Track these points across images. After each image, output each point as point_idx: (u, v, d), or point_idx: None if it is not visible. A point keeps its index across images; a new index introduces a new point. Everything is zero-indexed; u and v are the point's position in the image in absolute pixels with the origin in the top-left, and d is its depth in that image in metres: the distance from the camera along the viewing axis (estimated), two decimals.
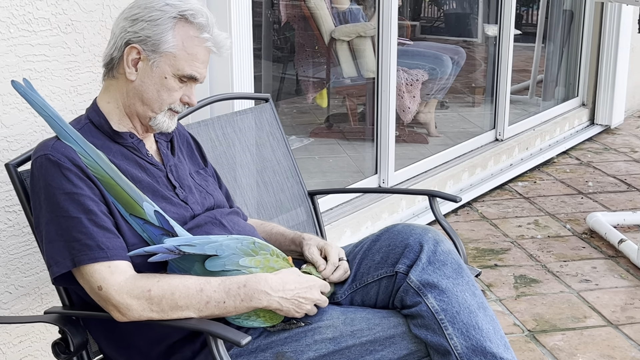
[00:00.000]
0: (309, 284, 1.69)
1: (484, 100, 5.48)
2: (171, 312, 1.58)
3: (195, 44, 1.73)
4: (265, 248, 1.72)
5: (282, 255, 1.76)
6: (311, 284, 1.69)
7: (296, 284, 1.66)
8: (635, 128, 5.95)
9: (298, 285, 1.67)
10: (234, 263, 1.64)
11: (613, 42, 5.55)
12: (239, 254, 1.66)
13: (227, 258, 1.64)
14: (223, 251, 1.64)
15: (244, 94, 2.55)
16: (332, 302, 1.80)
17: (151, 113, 1.75)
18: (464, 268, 1.71)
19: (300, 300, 1.66)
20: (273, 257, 1.71)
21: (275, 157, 2.45)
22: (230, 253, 1.65)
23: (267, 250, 1.72)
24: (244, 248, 1.68)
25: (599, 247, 3.63)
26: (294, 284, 1.66)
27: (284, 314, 1.66)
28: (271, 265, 1.69)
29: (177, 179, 1.81)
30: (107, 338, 1.75)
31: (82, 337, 1.69)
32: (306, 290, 1.67)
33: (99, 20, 2.32)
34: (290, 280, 1.66)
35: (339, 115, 4.89)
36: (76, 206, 1.60)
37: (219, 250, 1.64)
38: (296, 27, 4.66)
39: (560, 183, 4.62)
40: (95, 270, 1.58)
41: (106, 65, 1.78)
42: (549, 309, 3.02)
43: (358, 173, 4.16)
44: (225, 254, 1.64)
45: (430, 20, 7.69)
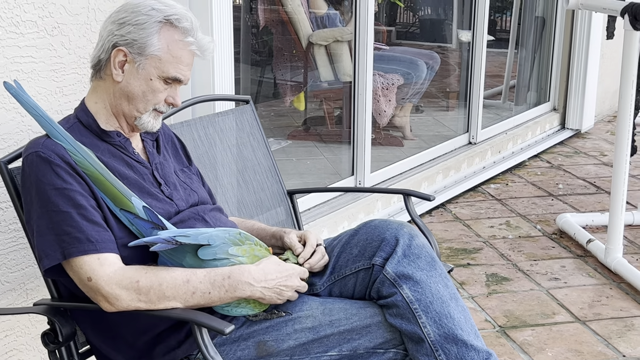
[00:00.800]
0: (289, 272, 1.78)
1: (457, 104, 5.59)
2: (158, 303, 1.66)
3: (180, 47, 1.80)
4: (250, 238, 1.81)
5: (264, 245, 1.84)
6: (291, 272, 1.79)
7: (277, 273, 1.75)
8: (604, 132, 6.10)
9: (279, 275, 1.75)
10: (224, 252, 1.73)
11: (584, 49, 5.69)
12: (228, 243, 1.74)
13: (218, 247, 1.72)
14: (214, 241, 1.73)
15: (225, 96, 2.63)
16: (311, 294, 1.88)
17: (137, 113, 1.82)
18: (437, 261, 1.80)
19: (281, 288, 1.75)
20: (257, 246, 1.80)
21: (255, 157, 2.52)
22: (221, 242, 1.73)
23: (252, 241, 1.81)
24: (231, 238, 1.76)
25: (568, 246, 3.74)
26: (275, 273, 1.75)
27: (266, 302, 1.75)
28: (255, 254, 1.77)
29: (162, 176, 1.88)
30: (94, 329, 1.81)
31: (71, 328, 1.76)
32: (286, 278, 1.77)
33: (85, 23, 2.38)
34: (271, 270, 1.75)
35: (316, 118, 4.97)
36: (66, 201, 1.67)
37: (210, 240, 1.72)
38: (274, 31, 4.73)
39: (532, 185, 4.73)
40: (85, 262, 1.65)
41: (94, 66, 1.85)
42: (519, 306, 3.12)
43: (335, 175, 4.24)
44: (216, 244, 1.72)
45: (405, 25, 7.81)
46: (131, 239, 1.73)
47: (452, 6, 6.72)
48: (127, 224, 1.73)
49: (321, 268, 1.91)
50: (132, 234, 1.74)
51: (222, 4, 2.67)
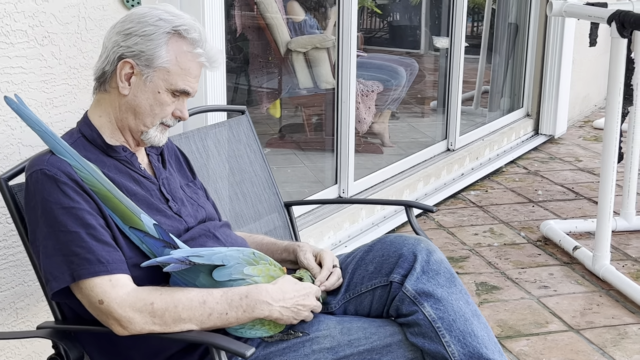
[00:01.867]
0: (306, 291, 1.73)
1: (433, 111, 5.58)
2: (174, 325, 1.59)
3: (189, 59, 1.74)
4: (264, 258, 1.76)
5: (278, 265, 1.79)
6: (307, 291, 1.73)
7: (294, 292, 1.70)
8: (577, 137, 6.15)
9: (296, 294, 1.70)
10: (239, 272, 1.67)
11: (556, 55, 5.73)
12: (242, 263, 1.68)
13: (233, 267, 1.66)
14: (228, 261, 1.66)
15: (221, 107, 2.57)
16: (325, 312, 1.83)
17: (143, 127, 1.76)
18: (456, 277, 1.76)
19: (299, 307, 1.70)
20: (272, 266, 1.74)
21: (252, 169, 2.47)
22: (235, 263, 1.67)
23: (266, 260, 1.75)
24: (245, 258, 1.70)
25: (554, 254, 3.75)
26: (293, 292, 1.69)
27: (283, 323, 1.69)
28: (271, 274, 1.72)
29: (169, 192, 1.82)
30: (103, 352, 1.74)
31: (79, 352, 1.68)
32: (304, 297, 1.71)
33: (75, 32, 2.30)
34: (289, 289, 1.69)
35: (293, 125, 4.92)
36: (74, 220, 1.59)
37: (224, 260, 1.66)
38: (251, 38, 4.67)
39: (511, 192, 4.74)
40: (96, 285, 1.58)
41: (98, 79, 1.78)
42: (511, 315, 3.10)
43: (317, 183, 4.19)
44: (231, 264, 1.66)
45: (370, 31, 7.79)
46: (141, 258, 1.66)
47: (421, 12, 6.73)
48: (137, 243, 1.66)
49: (335, 287, 1.86)
50: (142, 253, 1.67)
51: (214, 12, 2.61)
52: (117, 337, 1.62)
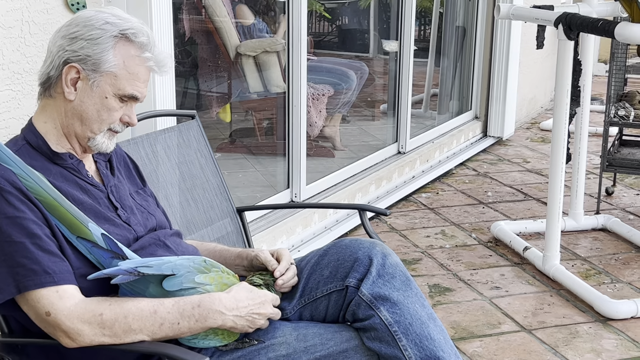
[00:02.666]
0: (261, 299, 1.69)
1: (383, 114, 5.60)
2: (124, 336, 1.55)
3: (137, 63, 1.70)
4: (216, 265, 1.72)
5: (231, 272, 1.76)
6: (263, 299, 1.70)
7: (249, 300, 1.66)
8: (524, 139, 6.23)
9: (251, 302, 1.67)
10: (190, 280, 1.63)
11: (504, 57, 5.80)
12: (193, 271, 1.65)
13: (183, 276, 1.62)
14: (179, 270, 1.63)
15: (170, 111, 2.53)
16: (281, 318, 1.80)
17: (90, 133, 1.71)
18: (412, 280, 1.75)
19: (254, 316, 1.66)
20: (224, 273, 1.71)
21: (204, 175, 2.43)
22: (185, 271, 1.63)
23: (218, 268, 1.72)
24: (196, 266, 1.67)
25: (505, 254, 3.78)
26: (247, 300, 1.66)
27: (238, 332, 1.66)
28: (224, 282, 1.68)
29: (118, 200, 1.77)
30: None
31: None
32: (259, 305, 1.68)
33: (18, 36, 2.24)
34: (243, 297, 1.66)
35: (243, 130, 4.88)
36: (19, 230, 1.54)
37: (174, 269, 1.62)
38: (200, 42, 4.62)
39: (461, 193, 4.77)
40: (43, 296, 1.53)
41: (42, 84, 1.72)
42: (464, 317, 3.11)
43: (269, 187, 4.16)
44: (181, 273, 1.63)
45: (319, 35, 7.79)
46: (89, 268, 1.61)
47: (370, 16, 6.75)
48: (85, 253, 1.62)
49: (289, 288, 1.83)
50: (90, 263, 1.62)
51: (162, 15, 2.57)
52: (66, 350, 1.57)
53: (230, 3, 4.55)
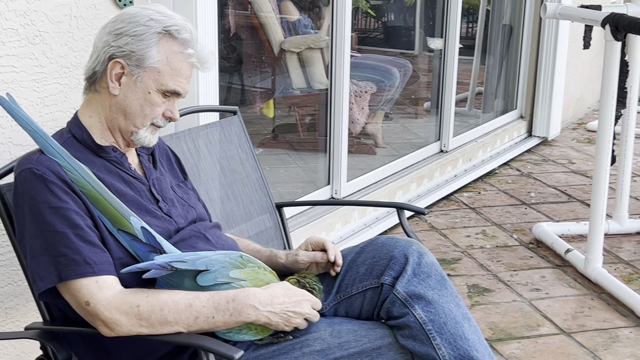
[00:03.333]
0: (298, 298, 1.69)
1: (426, 112, 5.58)
2: (160, 327, 1.58)
3: (179, 60, 1.73)
4: (253, 261, 1.74)
5: (268, 269, 1.77)
6: (300, 298, 1.70)
7: (285, 297, 1.67)
8: (570, 140, 6.15)
9: (287, 300, 1.67)
10: (224, 276, 1.65)
11: (551, 56, 5.73)
12: (228, 267, 1.67)
13: (217, 272, 1.65)
14: (213, 265, 1.65)
15: (213, 107, 2.55)
16: None
17: (133, 128, 1.75)
18: (447, 279, 1.76)
19: (289, 314, 1.66)
20: (261, 269, 1.73)
21: (244, 170, 2.46)
22: (220, 267, 1.65)
23: (255, 263, 1.73)
24: (232, 261, 1.69)
25: (546, 256, 3.74)
26: (283, 297, 1.67)
27: (273, 328, 1.67)
28: (260, 278, 1.70)
29: (159, 193, 1.80)
30: (90, 353, 1.73)
31: (67, 353, 1.67)
32: (295, 304, 1.68)
33: (67, 31, 2.29)
34: (279, 294, 1.67)
35: (286, 125, 4.91)
36: (62, 220, 1.58)
37: (209, 264, 1.64)
38: (245, 37, 4.66)
39: (504, 193, 4.74)
40: (83, 286, 1.57)
41: (88, 79, 1.77)
42: (503, 318, 3.09)
43: (309, 183, 4.18)
44: (215, 268, 1.65)
45: (365, 31, 7.78)
46: (130, 259, 1.65)
47: (416, 13, 6.72)
48: (125, 246, 1.65)
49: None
50: (131, 255, 1.66)
51: (207, 11, 2.60)
52: (105, 338, 1.61)
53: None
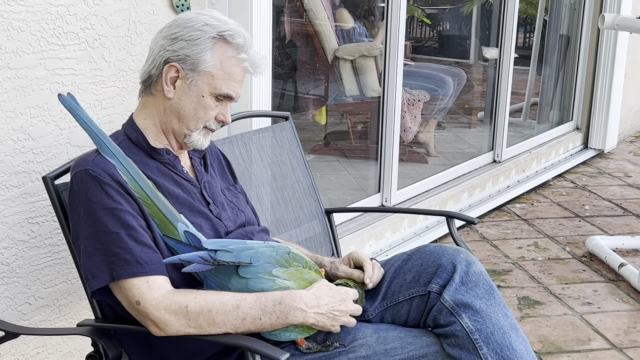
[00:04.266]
0: (342, 296, 1.71)
1: (480, 121, 5.54)
2: (208, 328, 1.60)
3: (233, 64, 1.76)
4: (299, 260, 1.75)
5: (314, 267, 1.78)
6: (344, 296, 1.72)
7: (330, 297, 1.69)
8: (627, 153, 6.04)
9: (332, 300, 1.69)
10: (266, 272, 1.67)
11: (608, 68, 5.63)
12: (272, 263, 1.68)
13: (260, 266, 1.66)
14: (257, 259, 1.67)
15: (265, 112, 2.58)
16: (362, 320, 1.82)
17: (187, 130, 1.78)
18: (495, 289, 1.74)
19: (335, 313, 1.68)
20: (306, 269, 1.74)
21: (295, 175, 2.47)
22: (264, 262, 1.67)
23: (301, 262, 1.74)
24: (278, 257, 1.70)
25: (599, 270, 3.68)
26: (328, 298, 1.68)
27: (320, 329, 1.68)
28: (304, 277, 1.71)
29: (210, 196, 1.83)
30: (140, 351, 1.76)
31: (117, 350, 1.70)
32: (340, 302, 1.70)
33: (125, 35, 2.34)
34: (324, 294, 1.68)
35: (338, 132, 4.92)
36: (115, 221, 1.62)
37: (253, 258, 1.66)
38: (299, 44, 4.69)
39: (557, 206, 4.67)
40: (134, 285, 1.60)
41: (143, 82, 1.80)
42: (553, 331, 3.05)
43: (359, 191, 4.19)
44: (259, 263, 1.66)
45: (419, 40, 7.76)
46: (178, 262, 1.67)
47: (472, 22, 6.68)
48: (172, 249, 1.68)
49: (379, 280, 1.86)
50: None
51: (262, 18, 2.63)
52: (155, 338, 1.64)
53: (330, 7, 4.59)
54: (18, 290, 2.16)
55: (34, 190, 2.15)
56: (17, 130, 2.09)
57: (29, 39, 2.08)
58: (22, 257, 2.16)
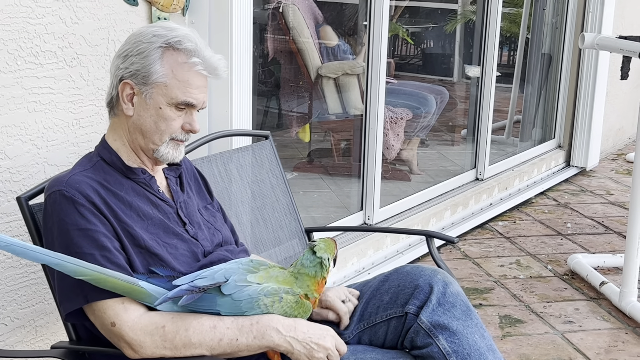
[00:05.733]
0: (322, 332, 1.68)
1: (463, 139, 5.56)
2: (184, 349, 1.59)
3: (185, 70, 1.72)
4: (263, 263, 1.75)
5: (277, 265, 1.77)
6: (325, 333, 1.68)
7: (309, 328, 1.66)
8: (609, 170, 6.07)
9: (311, 330, 1.66)
10: (242, 280, 1.66)
11: (590, 86, 5.67)
12: (243, 272, 1.68)
13: (236, 277, 1.66)
14: (230, 274, 1.66)
15: (245, 131, 2.57)
16: None
17: (152, 145, 1.75)
18: (472, 310, 1.74)
19: (312, 345, 1.64)
20: (271, 269, 1.73)
21: (274, 194, 2.47)
22: (237, 274, 1.67)
23: (265, 264, 1.74)
24: (245, 267, 1.70)
25: (581, 288, 3.69)
26: (307, 327, 1.66)
27: (294, 358, 1.66)
28: (271, 275, 1.70)
29: (187, 215, 1.82)
30: None
31: None
32: (319, 337, 1.66)
33: (104, 54, 2.33)
34: (303, 324, 1.67)
35: (321, 150, 4.93)
36: (89, 242, 1.60)
37: (226, 274, 1.66)
38: (282, 62, 4.70)
39: (540, 223, 4.68)
40: (109, 307, 1.58)
41: (108, 104, 1.79)
42: (534, 350, 3.05)
43: (342, 209, 4.18)
44: (233, 277, 1.66)
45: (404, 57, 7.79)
46: None
47: (455, 40, 6.72)
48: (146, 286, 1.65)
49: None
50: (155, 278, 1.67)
51: (242, 36, 2.63)
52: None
53: (314, 25, 4.61)
54: None
55: (10, 210, 2.13)
56: None
57: (6, 58, 2.07)
58: None
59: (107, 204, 1.66)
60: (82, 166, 1.72)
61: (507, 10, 6.30)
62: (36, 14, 2.13)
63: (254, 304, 1.64)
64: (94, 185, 1.67)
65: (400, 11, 5.72)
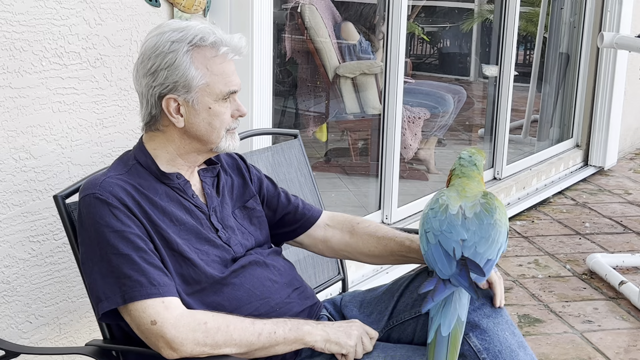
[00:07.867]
0: (350, 322, 1.76)
1: (480, 138, 5.55)
2: (224, 346, 1.60)
3: (218, 63, 1.72)
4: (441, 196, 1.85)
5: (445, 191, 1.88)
6: (352, 322, 1.76)
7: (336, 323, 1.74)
8: (627, 170, 6.04)
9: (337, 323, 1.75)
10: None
11: (608, 85, 5.65)
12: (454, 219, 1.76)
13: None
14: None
15: (274, 130, 2.59)
16: None
17: (212, 144, 1.76)
18: (502, 307, 1.74)
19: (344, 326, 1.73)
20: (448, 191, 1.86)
21: (302, 194, 2.47)
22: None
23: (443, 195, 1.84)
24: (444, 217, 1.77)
25: (600, 288, 3.68)
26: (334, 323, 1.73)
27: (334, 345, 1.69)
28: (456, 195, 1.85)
29: (220, 221, 1.80)
30: None
31: None
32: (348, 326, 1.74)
33: (127, 55, 2.35)
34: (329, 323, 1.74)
35: (338, 149, 4.93)
36: (126, 243, 1.61)
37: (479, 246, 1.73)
38: (300, 62, 4.71)
39: (558, 223, 4.67)
40: (149, 306, 1.59)
41: (147, 123, 1.77)
42: (554, 349, 3.05)
43: (360, 208, 4.19)
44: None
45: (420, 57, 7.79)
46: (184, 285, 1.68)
47: (472, 40, 6.71)
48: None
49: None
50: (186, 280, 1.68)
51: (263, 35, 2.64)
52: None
53: (332, 24, 4.62)
54: (18, 308, 2.17)
55: (35, 208, 2.16)
56: (18, 149, 2.09)
57: (31, 59, 2.09)
58: (22, 275, 2.16)
59: (141, 206, 1.67)
60: (117, 170, 1.72)
61: (524, 9, 6.28)
62: (60, 15, 2.15)
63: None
64: (128, 188, 1.67)
65: (418, 10, 5.72)
